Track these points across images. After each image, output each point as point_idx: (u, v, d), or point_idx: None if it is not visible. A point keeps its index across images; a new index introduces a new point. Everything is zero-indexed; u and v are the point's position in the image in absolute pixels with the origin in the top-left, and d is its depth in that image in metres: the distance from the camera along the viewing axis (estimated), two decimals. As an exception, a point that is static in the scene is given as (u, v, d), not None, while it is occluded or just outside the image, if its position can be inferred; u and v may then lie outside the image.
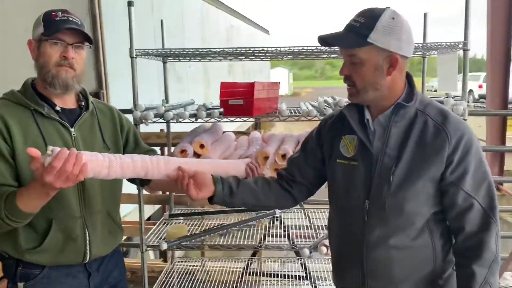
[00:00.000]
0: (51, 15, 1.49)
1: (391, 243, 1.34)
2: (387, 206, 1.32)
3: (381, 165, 1.34)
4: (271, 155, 2.15)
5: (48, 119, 1.50)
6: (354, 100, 1.38)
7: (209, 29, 8.97)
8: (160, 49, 2.33)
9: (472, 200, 1.28)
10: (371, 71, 1.30)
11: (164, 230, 2.58)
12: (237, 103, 2.11)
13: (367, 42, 1.26)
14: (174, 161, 1.55)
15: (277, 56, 2.42)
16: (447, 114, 1.33)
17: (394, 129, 1.34)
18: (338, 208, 1.48)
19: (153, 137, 3.91)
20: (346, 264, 1.45)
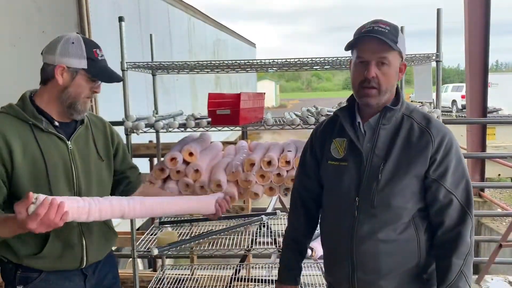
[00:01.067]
0: (93, 52, 1.59)
1: (379, 237, 1.44)
2: (375, 202, 1.43)
3: (370, 164, 1.45)
4: (257, 162, 2.25)
5: (46, 133, 1.57)
6: (373, 101, 1.44)
7: (196, 43, 9.10)
8: (150, 62, 2.43)
9: (451, 196, 1.41)
10: (394, 73, 1.45)
11: (154, 238, 2.65)
12: (224, 113, 2.21)
13: (397, 47, 1.41)
14: (149, 202, 1.67)
15: (262, 68, 2.54)
16: (430, 118, 1.47)
17: (382, 132, 1.47)
18: (330, 207, 1.58)
19: (143, 148, 3.98)
20: (337, 259, 1.54)
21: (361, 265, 1.48)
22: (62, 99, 1.58)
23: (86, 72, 1.58)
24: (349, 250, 1.48)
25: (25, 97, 1.61)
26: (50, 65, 1.56)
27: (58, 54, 1.55)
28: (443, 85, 2.46)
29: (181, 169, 2.27)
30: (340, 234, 1.51)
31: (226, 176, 2.27)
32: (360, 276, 1.48)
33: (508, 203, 7.45)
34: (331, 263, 1.59)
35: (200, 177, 2.27)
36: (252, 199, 2.30)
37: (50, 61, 1.56)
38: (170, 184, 2.27)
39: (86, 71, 1.58)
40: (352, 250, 1.47)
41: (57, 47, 1.55)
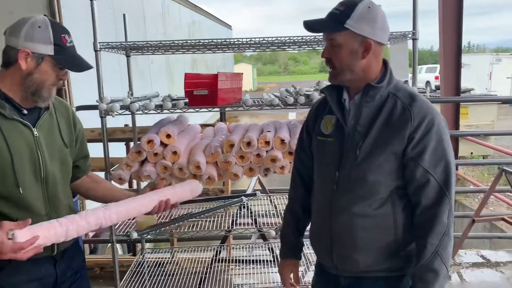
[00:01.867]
0: (61, 38, 1.50)
1: (354, 211, 1.46)
2: (352, 177, 1.46)
3: (351, 140, 1.47)
4: (236, 143, 2.23)
5: (10, 120, 1.49)
6: (334, 81, 1.50)
7: (171, 24, 8.92)
8: (124, 42, 2.36)
9: (429, 175, 1.41)
10: (347, 54, 1.43)
11: (133, 222, 2.62)
12: (201, 93, 2.18)
13: (344, 28, 1.40)
14: (124, 207, 1.63)
15: (239, 47, 2.50)
16: (415, 97, 1.46)
17: (365, 109, 1.47)
18: (316, 181, 1.62)
19: (118, 132, 3.89)
20: (318, 231, 1.59)
21: (338, 238, 1.51)
22: (26, 85, 1.50)
23: (53, 59, 1.49)
24: (328, 223, 1.52)
25: None
26: (13, 48, 1.46)
27: (23, 37, 1.45)
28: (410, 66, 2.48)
29: (158, 151, 2.24)
30: (322, 206, 1.56)
31: (205, 158, 2.25)
32: (338, 250, 1.52)
33: (480, 180, 7.68)
34: (314, 233, 1.63)
35: (178, 159, 2.24)
36: (232, 180, 2.29)
37: (13, 44, 1.46)
38: (148, 167, 2.24)
39: (53, 58, 1.49)
40: (331, 224, 1.52)
41: (22, 30, 1.46)
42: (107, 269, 3.74)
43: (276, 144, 2.23)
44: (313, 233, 1.64)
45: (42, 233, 1.37)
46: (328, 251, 1.54)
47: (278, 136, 2.23)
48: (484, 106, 9.36)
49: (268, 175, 2.28)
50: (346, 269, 1.53)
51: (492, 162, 7.47)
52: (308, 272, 3.09)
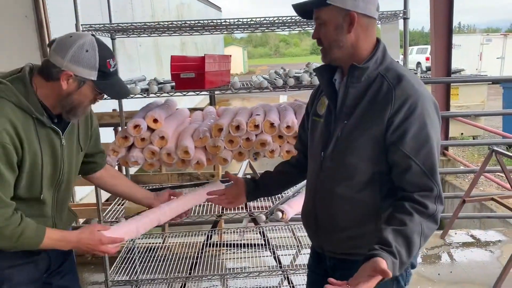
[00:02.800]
0: (106, 63, 1.49)
1: (336, 191, 1.45)
2: (333, 158, 1.45)
3: (336, 121, 1.45)
4: (225, 127, 2.19)
5: (45, 127, 1.50)
6: (325, 60, 1.48)
7: (159, 6, 8.75)
8: (108, 24, 2.29)
9: (410, 161, 1.34)
10: (332, 29, 1.40)
11: (122, 208, 2.59)
12: (188, 76, 2.13)
13: (325, 3, 1.38)
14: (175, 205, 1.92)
15: (227, 28, 2.44)
16: (403, 78, 1.39)
17: (352, 90, 1.43)
18: (309, 160, 1.63)
19: (106, 117, 3.84)
20: (307, 211, 1.60)
21: (321, 218, 1.52)
22: (63, 103, 1.50)
23: (94, 84, 1.49)
24: (313, 203, 1.54)
25: (26, 81, 1.47)
26: (57, 67, 1.45)
27: (69, 59, 1.44)
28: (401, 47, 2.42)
29: (145, 136, 2.19)
30: (310, 185, 1.58)
31: (193, 142, 2.21)
32: (321, 230, 1.53)
33: (470, 160, 7.74)
34: (304, 210, 1.64)
35: (166, 144, 2.19)
36: (221, 165, 2.25)
37: (58, 63, 1.44)
38: (135, 153, 2.19)
39: (94, 83, 1.49)
40: (315, 204, 1.53)
41: (69, 51, 1.43)
42: (98, 255, 3.73)
43: (265, 127, 2.19)
44: (303, 212, 1.65)
45: (122, 232, 1.67)
46: (314, 230, 1.57)
47: (267, 120, 2.19)
48: (474, 87, 9.36)
49: (258, 159, 2.25)
50: (329, 250, 1.55)
51: (483, 142, 7.52)
52: (300, 256, 3.11)
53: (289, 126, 2.16)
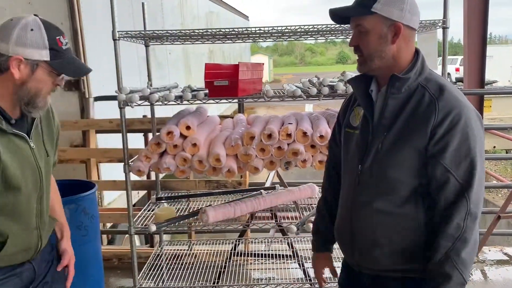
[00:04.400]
0: (56, 40, 1.36)
1: (375, 206, 1.40)
2: (373, 172, 1.40)
3: (375, 133, 1.41)
4: (257, 135, 2.17)
5: (5, 135, 1.34)
6: (363, 69, 1.43)
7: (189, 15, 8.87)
8: (143, 30, 2.31)
9: (449, 175, 1.31)
10: (375, 39, 1.36)
11: (151, 214, 2.59)
12: (222, 84, 2.12)
13: (370, 12, 1.34)
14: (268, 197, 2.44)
15: (260, 36, 2.43)
16: (445, 89, 1.36)
17: (391, 101, 1.39)
18: (342, 174, 1.58)
19: (137, 123, 3.88)
20: (341, 225, 1.54)
21: (359, 234, 1.47)
22: (19, 95, 1.35)
23: (49, 65, 1.35)
24: (349, 218, 1.48)
25: None
26: (3, 55, 1.31)
27: (14, 42, 1.30)
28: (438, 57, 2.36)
29: (178, 143, 2.19)
30: (345, 200, 1.52)
31: (225, 150, 2.19)
32: (358, 246, 1.47)
33: (503, 174, 7.49)
34: (338, 227, 1.59)
35: (198, 151, 2.19)
36: (252, 174, 2.23)
37: (3, 51, 1.31)
38: (167, 159, 2.19)
39: (49, 64, 1.35)
40: (352, 219, 1.47)
41: (12, 34, 1.30)
42: (125, 260, 3.74)
43: (298, 136, 2.16)
44: (337, 227, 1.60)
45: (222, 212, 2.23)
46: (350, 247, 1.50)
47: (300, 129, 2.16)
48: (508, 99, 9.09)
49: (290, 168, 2.22)
50: (366, 267, 1.48)
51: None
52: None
53: (323, 136, 2.13)
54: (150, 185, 3.70)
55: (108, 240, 4.91)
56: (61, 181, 2.99)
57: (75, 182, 3.01)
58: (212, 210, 2.22)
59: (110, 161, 4.01)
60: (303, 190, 2.58)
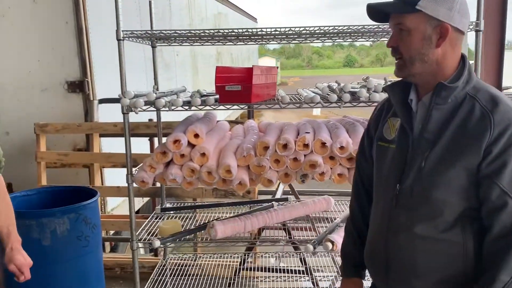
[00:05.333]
0: None
1: (415, 231, 1.25)
2: (414, 192, 1.24)
3: (416, 149, 1.25)
4: (271, 145, 2.00)
5: None
6: (401, 74, 1.28)
7: (197, 16, 8.73)
8: (150, 30, 2.15)
9: (507, 198, 1.16)
10: (418, 40, 1.21)
11: (156, 225, 2.43)
12: (234, 89, 1.96)
13: (415, 9, 1.19)
14: (281, 212, 2.32)
15: (274, 38, 2.26)
16: (499, 101, 1.19)
17: (436, 112, 1.23)
18: (375, 192, 1.42)
19: (142, 127, 3.72)
20: (373, 248, 1.39)
21: (395, 261, 1.30)
22: None
23: None
24: (385, 240, 1.32)
25: None
26: None
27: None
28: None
29: (185, 152, 2.02)
30: (379, 223, 1.36)
31: (236, 161, 2.02)
32: (394, 274, 1.31)
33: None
34: (369, 252, 1.43)
35: (207, 161, 2.02)
36: (265, 187, 2.06)
37: None
38: (173, 170, 2.03)
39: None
40: (387, 243, 1.31)
41: None
42: (128, 269, 3.59)
43: (315, 147, 1.99)
44: (368, 251, 1.43)
45: (231, 227, 2.07)
46: (383, 274, 1.34)
47: (318, 139, 1.98)
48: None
49: (306, 181, 2.05)
50: None
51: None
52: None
53: (343, 147, 1.95)
54: (154, 191, 3.55)
55: (111, 247, 4.76)
56: (62, 188, 2.89)
57: (76, 188, 2.86)
58: (221, 224, 2.05)
59: (114, 166, 3.85)
60: (318, 203, 2.41)
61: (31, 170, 3.97)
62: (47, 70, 4.10)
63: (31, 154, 3.92)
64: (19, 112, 4.18)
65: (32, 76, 4.13)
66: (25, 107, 4.18)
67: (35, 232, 2.34)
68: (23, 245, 2.34)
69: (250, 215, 2.21)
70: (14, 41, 4.07)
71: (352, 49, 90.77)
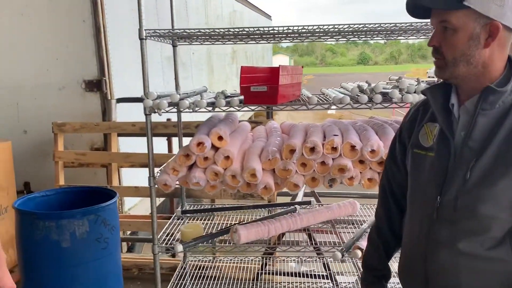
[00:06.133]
0: None
1: (459, 248, 1.15)
2: (458, 205, 1.14)
3: (459, 158, 1.15)
4: (298, 148, 1.92)
5: None
6: (442, 75, 1.19)
7: (212, 14, 8.68)
8: (172, 29, 2.09)
9: None
10: (464, 40, 1.11)
11: (176, 228, 2.38)
12: (260, 89, 1.88)
13: (462, 5, 1.08)
14: (305, 216, 2.24)
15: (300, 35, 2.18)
16: None
17: (482, 118, 1.14)
18: (411, 203, 1.32)
19: (160, 127, 3.68)
20: (410, 264, 1.30)
21: (436, 280, 1.21)
22: None
23: None
24: (424, 257, 1.23)
25: None
26: None
27: None
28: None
29: (209, 155, 1.96)
30: (416, 237, 1.26)
31: (261, 164, 1.95)
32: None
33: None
34: (404, 268, 1.34)
35: (231, 164, 1.96)
36: (291, 191, 1.99)
37: None
38: (197, 173, 1.96)
39: None
40: (427, 258, 1.22)
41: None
42: (146, 270, 3.56)
43: (345, 150, 1.91)
44: (403, 267, 1.34)
45: (255, 231, 2.00)
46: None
47: (347, 142, 1.90)
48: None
49: (334, 186, 1.97)
50: None
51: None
52: None
53: (374, 150, 1.87)
54: (173, 192, 3.49)
55: (128, 247, 4.74)
56: (81, 188, 2.85)
57: (95, 189, 2.83)
58: (244, 229, 1.99)
59: (132, 166, 3.82)
60: (343, 207, 2.33)
61: (48, 169, 3.96)
62: (64, 69, 4.09)
63: (48, 153, 3.91)
64: (37, 110, 4.17)
65: (50, 74, 4.12)
66: (43, 106, 4.18)
67: (54, 234, 2.30)
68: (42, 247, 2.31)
69: (273, 219, 2.14)
70: (32, 40, 4.06)
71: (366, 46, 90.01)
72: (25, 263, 2.39)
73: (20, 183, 3.95)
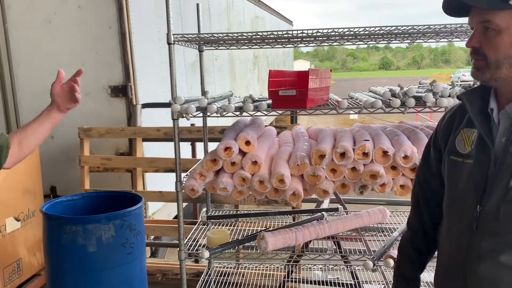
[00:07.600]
0: None
1: (501, 260, 1.10)
2: (501, 216, 1.09)
3: (500, 165, 1.10)
4: (327, 153, 1.88)
5: None
6: (481, 77, 1.13)
7: (235, 20, 8.71)
8: (200, 34, 2.08)
9: None
10: (508, 41, 1.07)
11: (201, 233, 2.36)
12: (288, 94, 1.85)
13: (508, 5, 1.03)
14: (334, 224, 2.18)
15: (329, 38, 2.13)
16: None
17: None
18: (447, 212, 1.27)
19: (185, 132, 3.67)
20: (448, 276, 1.25)
21: None
22: None
23: None
24: (463, 269, 1.17)
25: None
26: None
27: None
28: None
29: (236, 160, 1.93)
30: (454, 248, 1.21)
31: (289, 170, 1.91)
32: None
33: None
34: (441, 280, 1.29)
35: (258, 170, 1.92)
36: (320, 198, 1.94)
37: None
38: (224, 178, 1.94)
39: None
40: (466, 270, 1.16)
41: None
42: (169, 275, 3.55)
43: (376, 156, 1.85)
44: (440, 277, 1.29)
45: (282, 239, 1.97)
46: None
47: (379, 147, 1.85)
48: None
49: (365, 193, 1.91)
50: None
51: None
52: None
53: (407, 156, 1.81)
54: (197, 197, 3.49)
55: (152, 252, 4.75)
56: (107, 193, 2.87)
57: (121, 194, 2.84)
58: (272, 236, 1.95)
59: (156, 170, 3.83)
60: (373, 215, 2.26)
61: (74, 174, 4.00)
62: (90, 75, 4.14)
63: (74, 158, 3.96)
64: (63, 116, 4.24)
65: (76, 80, 4.18)
66: (69, 111, 4.23)
67: (80, 238, 2.30)
68: (68, 251, 2.31)
69: (301, 226, 2.09)
70: (59, 46, 4.13)
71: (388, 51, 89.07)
72: (52, 267, 2.40)
73: (47, 187, 4.00)
